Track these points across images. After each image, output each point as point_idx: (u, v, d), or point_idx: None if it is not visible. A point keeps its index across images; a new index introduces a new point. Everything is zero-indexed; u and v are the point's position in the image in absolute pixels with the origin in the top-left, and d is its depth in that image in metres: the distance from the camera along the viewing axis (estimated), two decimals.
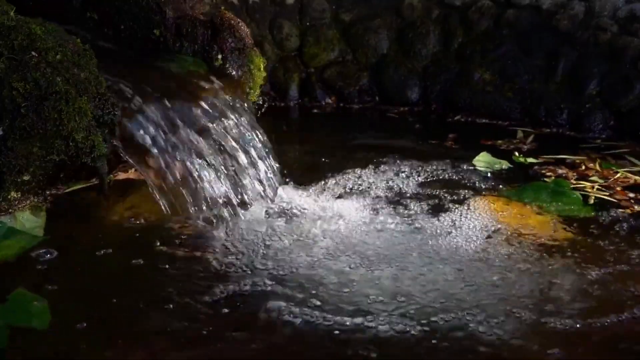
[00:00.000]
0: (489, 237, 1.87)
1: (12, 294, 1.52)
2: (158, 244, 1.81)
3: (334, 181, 2.25)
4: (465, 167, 2.42)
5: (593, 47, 3.01)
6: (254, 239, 1.84)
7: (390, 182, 2.26)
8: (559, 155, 2.56)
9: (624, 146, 2.72)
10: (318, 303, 1.53)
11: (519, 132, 2.89)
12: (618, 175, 2.38)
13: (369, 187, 2.21)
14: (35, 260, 1.69)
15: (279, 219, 1.96)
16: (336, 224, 1.93)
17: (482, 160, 2.47)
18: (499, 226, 1.93)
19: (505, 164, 2.47)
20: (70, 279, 1.62)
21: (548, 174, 2.39)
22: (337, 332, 1.42)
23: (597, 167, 2.46)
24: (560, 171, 2.42)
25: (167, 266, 1.70)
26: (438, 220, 1.98)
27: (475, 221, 1.96)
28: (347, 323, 1.44)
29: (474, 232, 1.90)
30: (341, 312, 1.49)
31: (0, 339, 1.37)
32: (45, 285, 1.57)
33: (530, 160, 2.52)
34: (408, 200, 2.11)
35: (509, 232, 1.90)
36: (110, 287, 1.61)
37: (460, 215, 2.00)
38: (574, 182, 2.31)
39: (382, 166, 2.40)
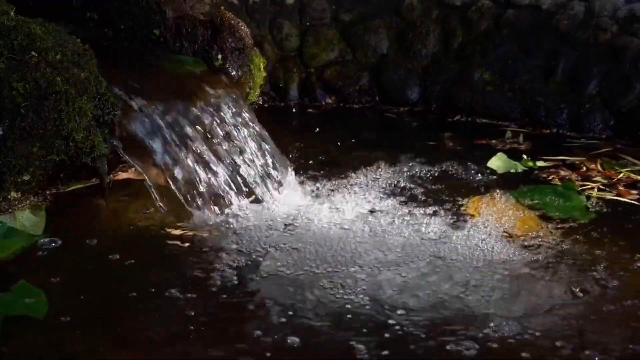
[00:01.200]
0: (497, 241, 1.83)
1: (15, 286, 1.55)
2: (157, 243, 1.81)
3: (333, 180, 2.25)
4: (463, 168, 2.43)
5: (593, 47, 3.01)
6: (253, 237, 1.84)
7: (388, 182, 2.26)
8: (559, 157, 2.55)
9: (604, 145, 2.71)
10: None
11: (508, 132, 2.89)
12: (621, 175, 2.37)
13: (367, 186, 2.22)
14: (35, 257, 1.70)
15: (279, 218, 1.96)
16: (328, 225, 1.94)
17: (497, 163, 2.44)
18: (508, 230, 1.90)
19: (520, 167, 2.43)
20: (68, 276, 1.63)
21: (550, 177, 2.36)
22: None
23: (599, 168, 2.45)
24: (563, 173, 2.39)
25: (164, 265, 1.70)
26: (451, 226, 1.93)
27: (482, 226, 1.94)
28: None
29: (480, 236, 1.89)
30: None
31: None
32: (44, 281, 1.58)
33: (540, 164, 2.46)
34: (410, 205, 2.08)
35: (521, 237, 1.86)
36: (107, 283, 1.61)
37: (461, 214, 2.01)
38: (580, 183, 2.29)
39: (380, 166, 2.40)
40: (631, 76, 2.89)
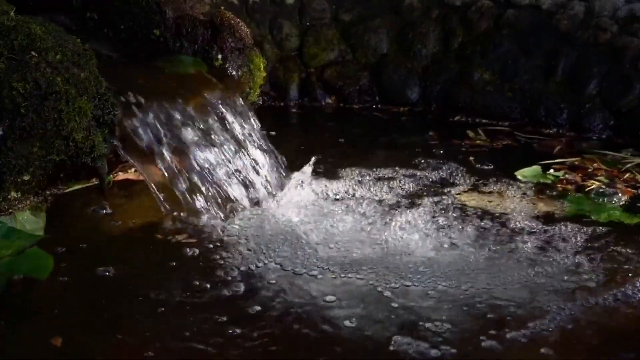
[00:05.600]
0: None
1: (28, 251, 1.68)
2: (157, 242, 1.81)
3: (333, 182, 2.25)
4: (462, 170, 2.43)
5: (593, 47, 3.01)
6: (253, 237, 1.84)
7: (391, 185, 2.26)
8: (557, 159, 2.52)
9: (558, 146, 2.72)
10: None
11: (470, 132, 2.89)
12: (627, 175, 2.35)
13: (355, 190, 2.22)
14: None
15: (278, 218, 1.96)
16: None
17: (527, 174, 2.36)
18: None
19: (550, 178, 2.33)
20: (68, 273, 1.64)
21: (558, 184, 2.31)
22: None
23: (602, 166, 2.43)
24: (568, 176, 2.35)
25: (163, 264, 1.70)
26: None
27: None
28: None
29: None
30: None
31: None
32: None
33: (563, 175, 2.37)
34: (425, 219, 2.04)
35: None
36: (106, 278, 1.63)
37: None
38: (589, 184, 2.26)
39: (376, 165, 2.40)
40: (631, 76, 2.89)
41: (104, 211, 1.96)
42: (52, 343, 1.36)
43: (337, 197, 2.12)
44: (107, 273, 1.65)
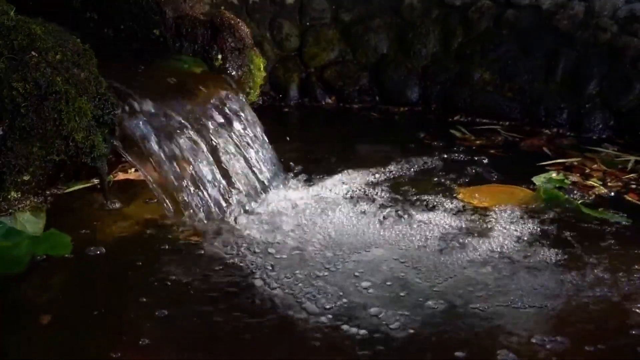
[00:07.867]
0: None
1: (45, 233, 1.76)
2: (157, 242, 1.82)
3: (329, 184, 2.25)
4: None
5: (593, 47, 3.01)
6: (252, 236, 1.84)
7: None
8: (557, 160, 2.53)
9: (541, 143, 2.75)
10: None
11: (456, 132, 2.90)
12: (632, 175, 2.34)
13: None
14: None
15: (277, 218, 1.96)
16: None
17: (542, 179, 2.31)
18: None
19: (566, 183, 2.27)
20: (70, 271, 1.65)
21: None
22: None
23: (602, 167, 2.42)
24: (571, 178, 2.34)
25: (164, 264, 1.70)
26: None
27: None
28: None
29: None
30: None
31: (20, 264, 1.65)
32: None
33: (572, 178, 2.34)
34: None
35: None
36: (106, 275, 1.65)
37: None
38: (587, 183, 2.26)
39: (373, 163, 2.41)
40: (631, 76, 2.89)
41: (105, 210, 1.96)
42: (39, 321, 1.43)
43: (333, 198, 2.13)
44: (105, 265, 1.67)
